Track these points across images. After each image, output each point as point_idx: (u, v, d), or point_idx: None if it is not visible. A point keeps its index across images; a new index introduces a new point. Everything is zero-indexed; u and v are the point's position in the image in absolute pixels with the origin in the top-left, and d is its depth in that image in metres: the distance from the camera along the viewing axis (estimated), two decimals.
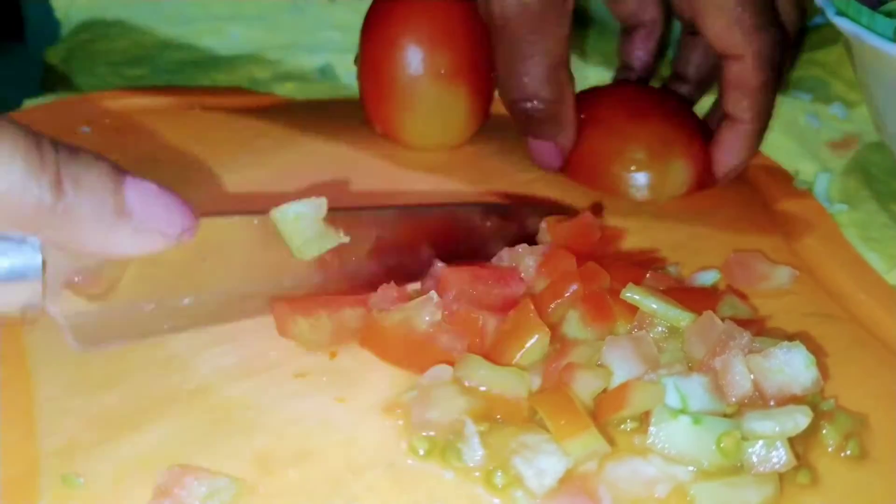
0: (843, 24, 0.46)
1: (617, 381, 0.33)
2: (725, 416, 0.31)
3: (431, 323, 0.34)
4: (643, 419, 0.32)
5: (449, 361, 0.33)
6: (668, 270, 0.41)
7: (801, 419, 0.30)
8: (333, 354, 0.35)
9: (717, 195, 0.50)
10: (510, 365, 0.33)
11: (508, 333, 0.34)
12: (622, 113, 0.49)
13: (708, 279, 0.40)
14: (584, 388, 0.32)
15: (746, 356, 0.32)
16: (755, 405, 0.32)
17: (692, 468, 0.30)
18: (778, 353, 0.32)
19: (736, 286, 0.40)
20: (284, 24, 0.74)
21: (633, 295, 0.35)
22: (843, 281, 0.42)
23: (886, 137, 0.52)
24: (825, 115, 0.61)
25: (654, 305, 0.35)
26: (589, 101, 0.50)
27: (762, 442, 0.30)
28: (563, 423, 0.30)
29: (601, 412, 0.32)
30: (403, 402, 0.32)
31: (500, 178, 0.51)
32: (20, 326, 0.29)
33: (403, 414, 0.32)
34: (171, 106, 0.57)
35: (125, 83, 0.61)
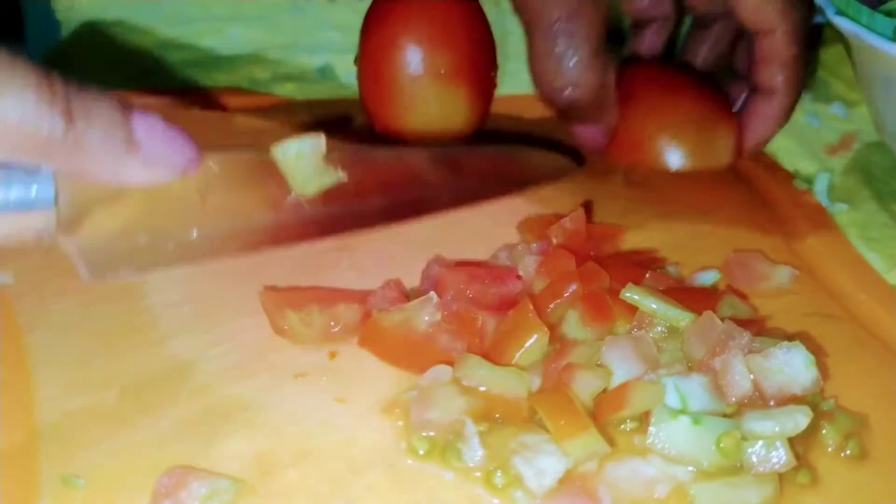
0: (842, 23, 0.46)
1: (617, 381, 0.33)
2: (725, 416, 0.31)
3: (431, 323, 0.34)
4: (643, 419, 0.32)
5: (448, 361, 0.33)
6: (667, 270, 0.41)
7: (801, 419, 0.30)
8: (333, 354, 0.35)
9: (717, 195, 0.50)
10: (510, 365, 0.33)
11: (508, 333, 0.34)
12: (657, 87, 0.49)
13: (708, 279, 0.40)
14: (583, 388, 0.32)
15: (746, 356, 0.32)
16: (755, 405, 0.32)
17: (692, 468, 0.30)
18: (778, 353, 0.32)
19: (736, 286, 0.40)
20: (284, 24, 0.74)
21: (632, 295, 0.35)
22: (843, 281, 0.42)
23: (886, 137, 0.52)
24: (825, 114, 0.61)
25: (653, 305, 0.35)
26: (618, 77, 0.50)
27: (762, 442, 0.30)
28: (562, 423, 0.30)
29: (601, 412, 0.32)
30: (403, 402, 0.32)
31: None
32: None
33: (403, 414, 0.32)
34: (171, 106, 0.57)
35: (125, 84, 0.61)
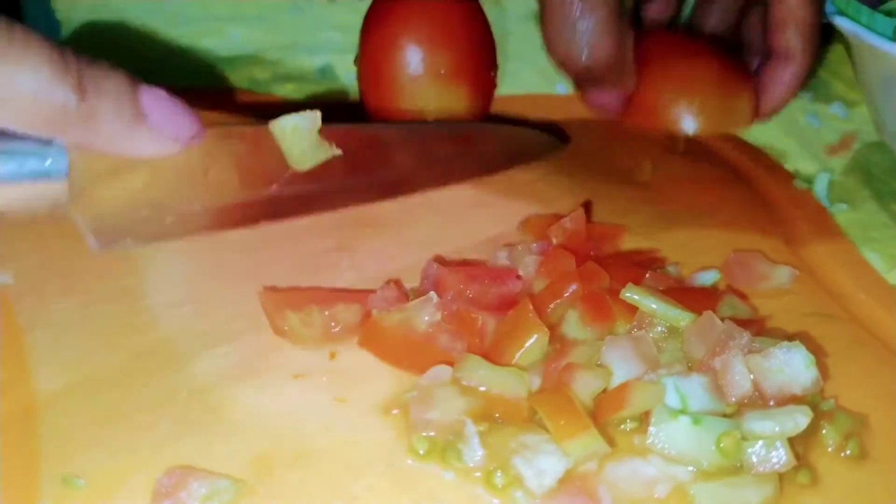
0: (842, 23, 0.46)
1: (617, 381, 0.33)
2: (725, 416, 0.31)
3: (431, 323, 0.34)
4: (643, 419, 0.32)
5: (448, 362, 0.33)
6: (667, 270, 0.41)
7: (800, 419, 0.30)
8: (333, 355, 0.35)
9: (717, 195, 0.50)
10: (510, 365, 0.33)
11: (508, 333, 0.34)
12: (673, 52, 0.50)
13: (708, 279, 0.40)
14: (583, 388, 0.32)
15: (746, 356, 0.32)
16: (755, 405, 0.32)
17: (692, 468, 0.30)
18: (778, 353, 0.32)
19: (736, 286, 0.40)
20: (284, 24, 0.74)
21: (632, 295, 0.35)
22: (843, 281, 0.42)
23: (886, 137, 0.52)
24: (825, 114, 0.61)
25: (653, 305, 0.35)
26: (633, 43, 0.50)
27: (762, 442, 0.30)
28: (562, 423, 0.30)
29: (601, 412, 0.32)
30: (403, 402, 0.32)
31: (500, 177, 0.51)
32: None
33: (403, 414, 0.32)
34: None
35: None
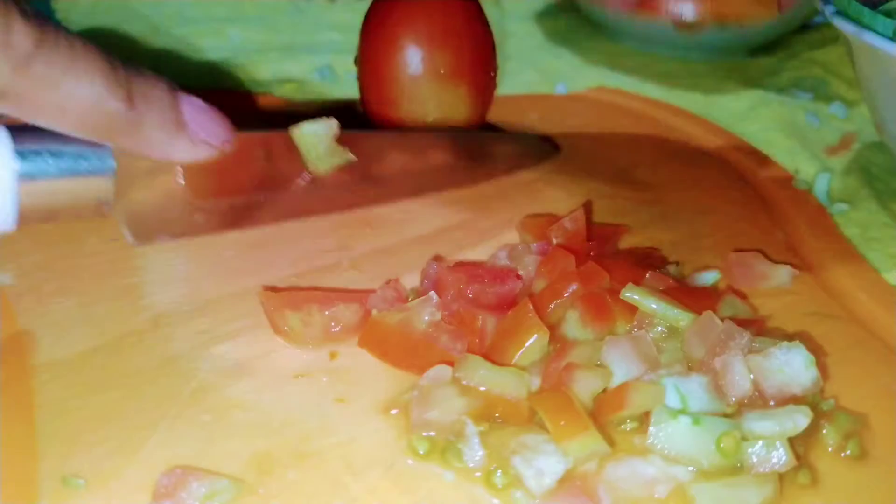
0: (842, 23, 0.46)
1: (617, 381, 0.33)
2: (725, 416, 0.31)
3: (431, 323, 0.34)
4: (643, 419, 0.32)
5: (448, 362, 0.33)
6: (667, 270, 0.41)
7: (800, 419, 0.30)
8: (333, 355, 0.35)
9: (717, 195, 0.50)
10: (510, 365, 0.33)
11: (507, 333, 0.34)
12: None
13: (708, 279, 0.41)
14: (583, 388, 0.32)
15: (746, 356, 0.32)
16: (755, 405, 0.32)
17: (692, 468, 0.30)
18: (778, 353, 0.32)
19: (736, 286, 0.40)
20: (284, 24, 0.74)
21: (632, 295, 0.35)
22: (843, 281, 0.42)
23: (886, 137, 0.52)
24: (825, 114, 0.61)
25: (653, 305, 0.35)
26: None
27: (762, 442, 0.30)
28: (562, 423, 0.30)
29: (601, 412, 0.32)
30: (403, 402, 0.33)
31: (499, 177, 0.51)
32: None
33: (403, 414, 0.32)
34: None
35: None
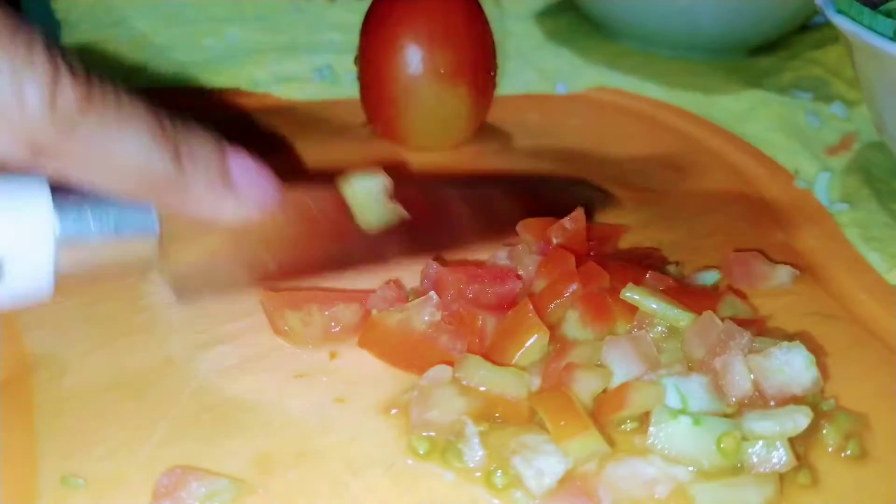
0: (843, 23, 0.46)
1: (617, 381, 0.33)
2: (725, 416, 0.31)
3: (431, 323, 0.34)
4: (643, 419, 0.32)
5: (448, 362, 0.33)
6: (668, 270, 0.41)
7: (801, 419, 0.30)
8: (333, 355, 0.35)
9: (717, 195, 0.50)
10: (510, 365, 0.33)
11: (507, 333, 0.34)
12: None
13: (708, 279, 0.40)
14: (583, 388, 0.32)
15: (746, 356, 0.32)
16: (755, 405, 0.32)
17: (692, 468, 0.30)
18: (778, 353, 0.32)
19: (736, 286, 0.40)
20: (284, 24, 0.74)
21: (632, 295, 0.35)
22: (843, 281, 0.42)
23: (886, 137, 0.52)
24: (825, 114, 0.61)
25: (653, 305, 0.35)
26: None
27: (762, 442, 0.30)
28: (562, 423, 0.30)
29: (601, 412, 0.32)
30: (403, 402, 0.32)
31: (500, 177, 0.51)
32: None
33: (403, 414, 0.32)
34: (170, 107, 0.57)
35: (125, 85, 0.61)
